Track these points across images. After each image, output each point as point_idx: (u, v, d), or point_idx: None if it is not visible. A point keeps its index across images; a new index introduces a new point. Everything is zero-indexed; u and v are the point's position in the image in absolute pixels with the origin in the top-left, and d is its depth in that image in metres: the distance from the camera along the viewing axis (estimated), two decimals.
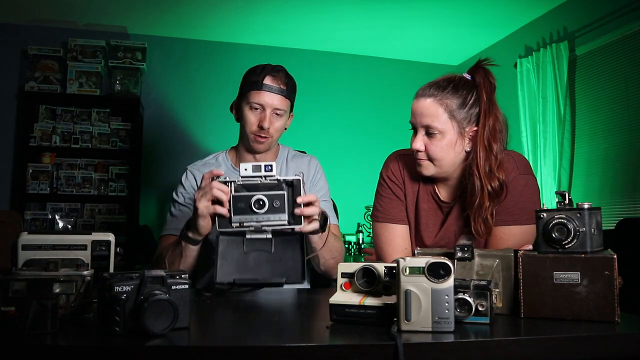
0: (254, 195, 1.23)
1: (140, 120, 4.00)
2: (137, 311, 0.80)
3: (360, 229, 4.11)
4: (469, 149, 1.36)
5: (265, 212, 1.23)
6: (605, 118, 3.21)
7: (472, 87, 1.37)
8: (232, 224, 1.24)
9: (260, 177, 1.26)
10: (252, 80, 1.58)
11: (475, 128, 1.34)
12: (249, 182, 1.26)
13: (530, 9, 3.64)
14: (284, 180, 1.27)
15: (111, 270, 1.07)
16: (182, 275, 0.88)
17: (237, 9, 3.74)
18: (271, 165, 1.25)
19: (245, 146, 1.67)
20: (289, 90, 1.60)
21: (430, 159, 1.36)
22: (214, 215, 1.27)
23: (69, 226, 3.71)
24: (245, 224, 1.24)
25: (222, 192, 1.25)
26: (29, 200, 3.74)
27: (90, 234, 1.07)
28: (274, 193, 1.24)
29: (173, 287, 0.85)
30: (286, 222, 1.25)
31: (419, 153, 1.37)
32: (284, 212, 1.24)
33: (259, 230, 1.25)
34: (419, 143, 1.36)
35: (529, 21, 3.84)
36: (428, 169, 1.38)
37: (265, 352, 0.77)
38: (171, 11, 3.78)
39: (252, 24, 4.01)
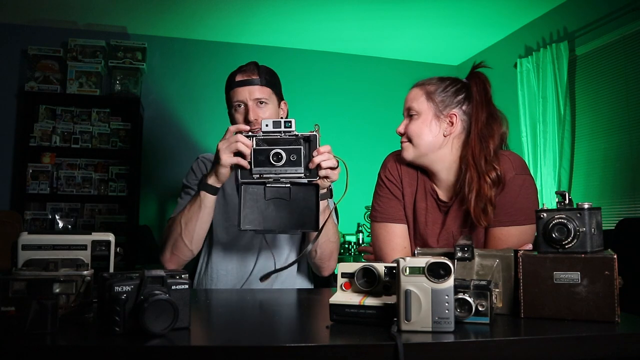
0: (273, 149, 1.31)
1: (140, 120, 3.99)
2: (137, 311, 0.80)
3: (360, 229, 4.11)
4: (447, 134, 1.41)
5: (283, 165, 1.32)
6: (605, 118, 3.21)
7: (459, 81, 1.46)
8: (253, 175, 1.32)
9: (280, 132, 1.33)
10: (227, 85, 1.66)
11: (454, 112, 1.41)
12: (269, 137, 1.33)
13: (530, 9, 3.64)
14: (302, 135, 1.34)
15: (111, 270, 1.07)
16: (182, 275, 0.88)
17: (237, 9, 3.74)
18: (290, 122, 1.34)
19: None
20: (264, 79, 1.63)
21: (409, 139, 1.43)
22: (234, 166, 1.35)
23: (69, 226, 3.71)
24: (264, 175, 1.32)
25: (246, 145, 1.32)
26: (29, 200, 3.73)
27: (90, 234, 1.07)
28: (292, 147, 1.32)
29: (173, 287, 0.85)
30: (302, 175, 1.33)
31: (402, 137, 1.46)
32: (300, 165, 1.32)
33: (277, 181, 1.33)
34: (401, 126, 1.46)
35: (529, 21, 3.84)
36: (407, 151, 1.45)
37: (265, 352, 0.77)
38: (171, 11, 3.78)
39: (252, 24, 4.01)
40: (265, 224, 1.35)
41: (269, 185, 1.34)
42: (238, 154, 1.33)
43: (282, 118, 1.68)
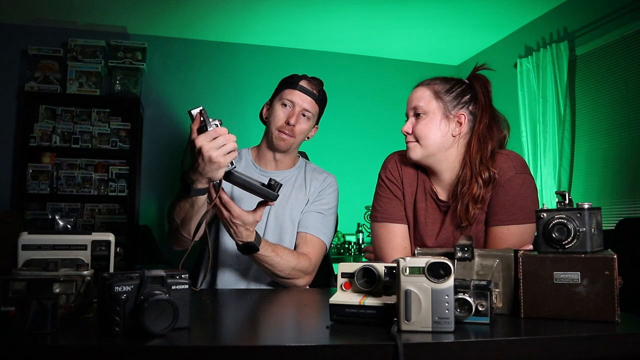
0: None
1: (140, 120, 3.99)
2: (137, 311, 0.80)
3: (360, 229, 4.11)
4: (455, 134, 1.40)
5: None
6: (605, 118, 3.21)
7: (463, 82, 1.45)
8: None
9: None
10: (288, 81, 1.72)
11: (462, 112, 1.40)
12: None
13: (530, 9, 3.64)
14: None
15: (111, 270, 1.07)
16: (182, 275, 0.88)
17: (238, 9, 3.74)
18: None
19: (267, 144, 1.74)
20: (320, 99, 1.72)
21: (417, 139, 1.42)
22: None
23: (69, 226, 3.70)
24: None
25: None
26: (29, 200, 3.73)
27: (90, 234, 1.08)
28: None
29: (173, 287, 0.85)
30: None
31: (408, 136, 1.44)
32: None
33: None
34: (407, 126, 1.44)
35: (529, 21, 3.84)
36: (415, 151, 1.43)
37: (265, 352, 0.77)
38: (171, 11, 3.78)
39: (252, 24, 4.01)
40: None
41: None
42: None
43: (307, 138, 1.75)
